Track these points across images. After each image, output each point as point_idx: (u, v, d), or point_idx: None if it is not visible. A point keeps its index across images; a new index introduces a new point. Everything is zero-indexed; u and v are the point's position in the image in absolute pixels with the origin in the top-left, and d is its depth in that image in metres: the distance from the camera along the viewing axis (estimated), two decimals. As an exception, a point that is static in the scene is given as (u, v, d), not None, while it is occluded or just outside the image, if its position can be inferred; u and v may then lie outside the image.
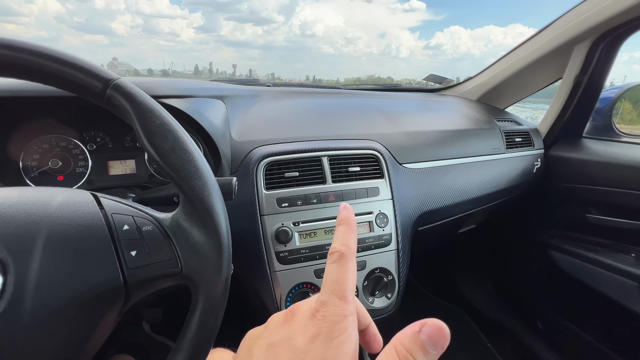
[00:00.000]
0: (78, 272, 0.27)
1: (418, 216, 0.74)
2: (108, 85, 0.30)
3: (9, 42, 0.28)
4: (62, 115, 0.60)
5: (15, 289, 0.26)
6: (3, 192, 0.29)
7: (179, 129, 0.32)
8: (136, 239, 0.30)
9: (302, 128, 0.73)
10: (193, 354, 0.30)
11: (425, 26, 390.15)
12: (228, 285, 0.32)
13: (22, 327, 0.25)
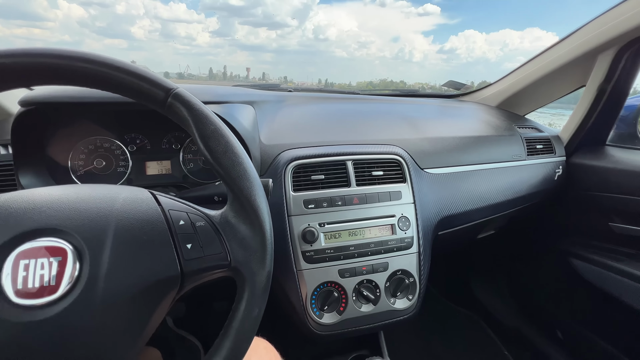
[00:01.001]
0: (142, 261, 0.31)
1: (439, 220, 0.75)
2: (169, 94, 0.34)
3: (88, 56, 0.31)
4: (106, 119, 0.65)
5: (90, 275, 0.29)
6: (76, 189, 0.33)
7: (230, 134, 0.35)
8: (191, 234, 0.33)
9: (327, 133, 0.75)
10: (239, 340, 0.33)
11: (439, 30, 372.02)
12: (270, 278, 0.35)
13: (95, 309, 0.29)
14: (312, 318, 0.61)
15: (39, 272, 0.28)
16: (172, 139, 0.69)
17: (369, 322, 0.64)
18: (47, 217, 0.30)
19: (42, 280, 0.28)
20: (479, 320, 1.30)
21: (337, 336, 0.64)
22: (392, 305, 0.65)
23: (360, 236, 0.65)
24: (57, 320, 0.28)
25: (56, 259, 0.29)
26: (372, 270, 0.64)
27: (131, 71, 0.32)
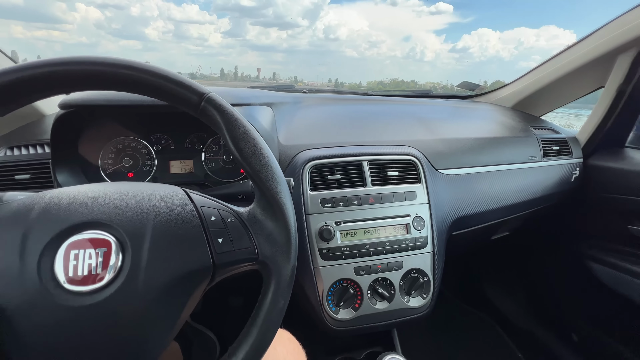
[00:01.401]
0: (178, 253, 0.33)
1: (453, 220, 0.76)
2: (203, 99, 0.36)
3: (131, 64, 0.34)
4: (134, 120, 0.68)
5: (131, 265, 0.32)
6: (116, 186, 0.36)
7: (258, 136, 0.37)
8: (222, 229, 0.35)
9: (343, 134, 0.77)
10: (266, 329, 0.35)
11: (451, 29, 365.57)
12: (295, 271, 0.37)
13: (137, 297, 0.31)
14: (328, 313, 0.63)
15: (87, 262, 0.31)
16: (195, 139, 0.72)
17: (384, 319, 0.66)
18: (92, 211, 0.33)
19: (89, 269, 0.31)
20: (490, 322, 1.30)
21: (352, 332, 0.65)
22: (406, 303, 0.67)
23: (376, 235, 0.67)
24: (102, 306, 0.30)
25: (101, 250, 0.31)
26: (387, 268, 0.66)
27: (169, 77, 0.35)
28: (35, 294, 0.29)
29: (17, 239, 0.30)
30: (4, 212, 0.32)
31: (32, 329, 0.29)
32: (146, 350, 0.32)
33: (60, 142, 0.59)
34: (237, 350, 0.35)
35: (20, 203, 0.33)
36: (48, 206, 0.32)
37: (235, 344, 0.35)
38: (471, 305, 1.37)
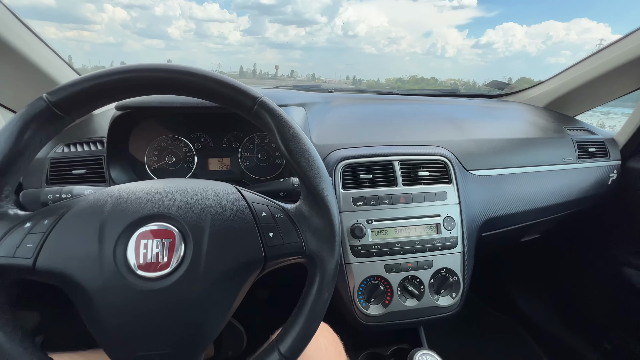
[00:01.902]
0: (234, 246, 0.36)
1: (483, 221, 0.76)
2: (256, 102, 0.38)
3: (192, 70, 0.37)
4: (177, 120, 0.72)
5: (193, 255, 0.35)
6: (176, 183, 0.39)
7: (306, 137, 0.39)
8: (272, 224, 0.38)
9: (374, 133, 0.78)
10: (311, 318, 0.37)
11: (475, 23, 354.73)
12: (338, 265, 0.39)
13: (198, 283, 0.34)
14: (358, 308, 0.65)
15: (155, 250, 0.34)
16: (232, 138, 0.76)
17: (413, 316, 0.67)
18: (158, 205, 0.36)
19: (157, 257, 0.34)
20: (515, 325, 1.27)
21: (382, 327, 0.67)
22: (435, 302, 0.68)
23: (406, 234, 0.68)
24: (168, 291, 0.34)
25: (167, 240, 0.35)
26: (416, 267, 0.67)
27: (226, 83, 0.38)
28: (111, 277, 0.33)
29: (95, 228, 0.34)
30: (81, 205, 0.36)
31: (108, 308, 0.33)
32: (204, 332, 0.35)
33: (114, 141, 0.64)
34: (284, 337, 0.37)
35: (94, 197, 0.37)
36: (119, 200, 0.36)
37: (282, 331, 0.38)
38: (494, 307, 1.35)
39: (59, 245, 0.34)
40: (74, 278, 0.33)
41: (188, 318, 0.34)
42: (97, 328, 0.34)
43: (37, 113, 0.34)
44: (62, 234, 0.34)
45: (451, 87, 4.95)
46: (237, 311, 0.39)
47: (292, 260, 0.39)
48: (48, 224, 0.34)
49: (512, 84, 1.38)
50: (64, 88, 0.35)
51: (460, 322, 1.14)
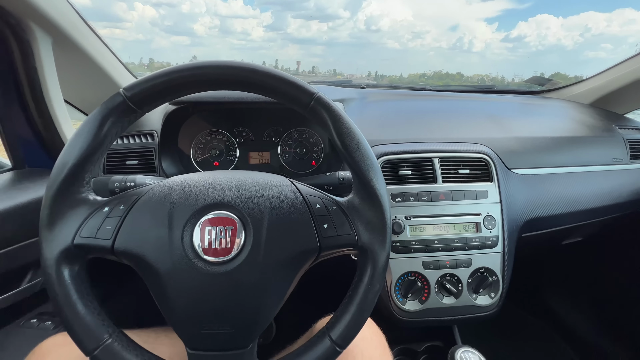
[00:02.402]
0: (291, 235, 0.38)
1: (525, 222, 0.74)
2: (312, 98, 0.40)
3: (252, 67, 0.38)
4: (221, 115, 0.75)
5: (253, 243, 0.37)
6: (235, 175, 0.41)
7: (360, 132, 0.40)
8: (326, 216, 0.39)
9: (413, 130, 0.78)
10: (362, 308, 0.38)
11: (505, 16, 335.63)
12: (389, 258, 0.40)
13: (257, 269, 0.36)
14: (395, 303, 0.66)
15: (218, 237, 0.36)
16: (272, 132, 0.78)
17: (450, 314, 0.67)
18: (219, 195, 0.38)
19: (220, 243, 0.36)
20: (551, 332, 1.23)
21: (418, 323, 0.67)
22: (473, 301, 0.67)
23: (445, 231, 0.67)
24: (230, 275, 0.36)
25: (229, 228, 0.37)
26: (455, 265, 0.67)
27: (285, 79, 0.39)
28: (180, 260, 0.36)
29: (165, 215, 0.37)
30: (151, 193, 0.39)
31: (176, 288, 0.36)
32: (261, 315, 0.37)
33: (167, 134, 0.68)
34: (335, 325, 0.38)
35: (162, 186, 0.39)
36: (184, 189, 0.39)
37: (333, 319, 0.39)
38: (528, 310, 1.31)
39: (133, 229, 0.37)
40: (147, 260, 0.36)
41: (247, 301, 0.36)
42: (166, 306, 0.37)
43: (115, 107, 0.37)
44: (135, 219, 0.37)
45: (478, 82, 4.76)
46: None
47: (344, 251, 0.40)
48: (123, 209, 0.37)
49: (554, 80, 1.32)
50: (138, 84, 0.38)
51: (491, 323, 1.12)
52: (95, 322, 0.36)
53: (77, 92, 0.73)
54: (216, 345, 0.36)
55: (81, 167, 0.37)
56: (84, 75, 0.69)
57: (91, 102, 0.78)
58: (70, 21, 0.58)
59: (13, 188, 0.60)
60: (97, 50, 0.66)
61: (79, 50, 0.62)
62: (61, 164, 0.36)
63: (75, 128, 0.68)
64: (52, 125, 0.63)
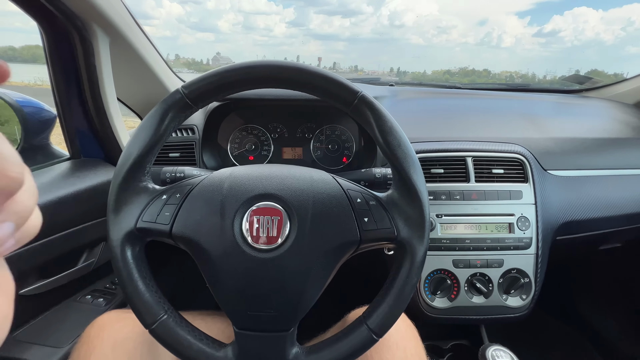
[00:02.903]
0: (334, 227, 0.40)
1: (560, 224, 0.72)
2: (356, 97, 0.41)
3: (301, 67, 0.40)
4: (258, 111, 0.78)
5: (298, 232, 0.39)
6: (279, 168, 0.44)
7: (401, 130, 0.42)
8: (366, 210, 0.41)
9: (445, 128, 0.78)
10: (399, 300, 0.40)
11: (538, 10, 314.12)
12: (426, 253, 0.41)
13: (301, 258, 0.39)
14: (424, 300, 0.67)
15: (266, 226, 0.39)
16: (305, 129, 0.80)
17: (479, 313, 0.67)
18: (266, 186, 0.41)
19: (267, 231, 0.39)
20: (580, 339, 1.19)
21: (445, 320, 0.68)
22: (504, 302, 0.67)
23: (477, 231, 0.67)
24: (275, 262, 0.38)
25: (275, 218, 0.39)
26: (486, 264, 0.66)
27: (331, 78, 0.41)
28: (230, 246, 0.39)
29: (217, 204, 0.40)
30: (204, 184, 0.42)
31: (226, 272, 0.39)
32: (303, 301, 0.40)
33: (209, 129, 0.72)
34: (372, 314, 0.40)
35: (212, 177, 0.42)
36: (234, 181, 0.41)
37: (370, 309, 0.41)
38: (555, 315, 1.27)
39: (189, 216, 0.40)
40: (201, 244, 0.39)
41: (291, 287, 0.39)
42: (217, 288, 0.40)
43: (174, 103, 0.41)
44: (191, 207, 0.40)
45: (506, 80, 4.56)
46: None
47: (382, 245, 0.42)
48: (179, 197, 0.41)
49: (595, 79, 1.26)
50: (195, 82, 0.41)
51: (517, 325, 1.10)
52: (154, 299, 0.40)
53: (125, 88, 0.78)
54: (261, 326, 0.39)
55: (143, 158, 0.40)
56: (133, 73, 0.74)
57: (137, 98, 0.84)
58: (125, 22, 0.62)
59: (72, 176, 0.65)
60: (146, 49, 0.71)
61: (131, 49, 0.67)
62: (127, 154, 0.40)
63: (125, 123, 0.74)
64: (105, 120, 0.68)
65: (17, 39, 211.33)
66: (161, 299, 0.41)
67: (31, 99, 0.72)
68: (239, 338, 0.40)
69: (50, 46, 0.59)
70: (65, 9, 0.53)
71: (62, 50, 0.60)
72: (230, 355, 0.39)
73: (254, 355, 0.39)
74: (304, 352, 0.40)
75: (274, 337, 0.40)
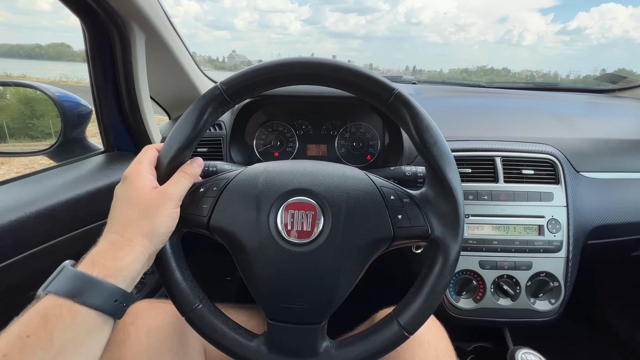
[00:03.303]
0: (367, 223, 0.40)
1: (592, 228, 0.70)
2: (392, 94, 0.41)
3: (337, 64, 0.41)
4: (284, 108, 0.79)
5: (332, 227, 0.39)
6: (313, 164, 0.44)
7: (437, 128, 0.41)
8: (400, 207, 0.41)
9: (473, 127, 0.77)
10: (432, 297, 0.40)
11: (563, 6, 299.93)
12: (460, 252, 0.41)
13: (335, 253, 0.39)
14: (449, 300, 0.66)
15: (300, 220, 0.40)
16: (330, 126, 0.80)
17: (505, 316, 0.66)
18: (300, 182, 0.41)
19: (302, 226, 0.39)
20: (610, 350, 1.15)
21: (469, 322, 0.67)
22: (531, 305, 0.65)
23: (504, 232, 0.66)
24: (309, 256, 0.39)
25: (309, 213, 0.40)
26: (514, 266, 0.65)
27: (367, 75, 0.41)
28: (266, 238, 0.39)
29: (253, 198, 0.41)
30: (240, 178, 0.43)
31: (261, 264, 0.40)
32: (335, 295, 0.40)
33: (238, 125, 0.74)
34: (403, 311, 0.40)
35: (247, 172, 0.43)
36: (268, 176, 0.42)
37: (401, 306, 0.41)
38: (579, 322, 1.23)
39: (226, 209, 0.41)
40: (238, 237, 0.40)
41: (323, 281, 0.39)
42: (251, 280, 0.41)
43: (214, 98, 0.42)
44: (227, 200, 0.41)
45: (526, 79, 4.41)
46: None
47: (415, 242, 0.42)
48: (217, 191, 0.42)
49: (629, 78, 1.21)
50: (233, 79, 0.42)
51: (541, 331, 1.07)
52: (190, 289, 0.41)
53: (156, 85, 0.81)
54: (293, 319, 0.40)
55: (183, 151, 0.42)
56: (165, 71, 0.76)
57: (166, 95, 0.86)
58: (161, 20, 0.64)
59: (107, 168, 0.68)
60: (178, 47, 0.72)
61: (165, 48, 0.69)
62: (167, 147, 0.41)
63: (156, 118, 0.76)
64: (138, 115, 0.71)
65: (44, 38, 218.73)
66: (197, 289, 0.42)
67: (69, 93, 0.75)
68: (272, 329, 0.40)
69: (91, 43, 0.61)
70: (107, 7, 0.55)
71: (102, 47, 0.62)
72: (262, 346, 0.40)
73: (285, 346, 0.40)
74: (335, 346, 0.40)
75: (306, 329, 0.40)
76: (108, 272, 0.33)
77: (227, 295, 1.16)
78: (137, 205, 0.37)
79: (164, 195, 0.38)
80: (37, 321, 0.29)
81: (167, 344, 0.52)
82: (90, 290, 0.31)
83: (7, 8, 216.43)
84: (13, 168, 3.58)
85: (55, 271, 0.32)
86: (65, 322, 0.30)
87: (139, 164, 0.39)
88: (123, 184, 0.38)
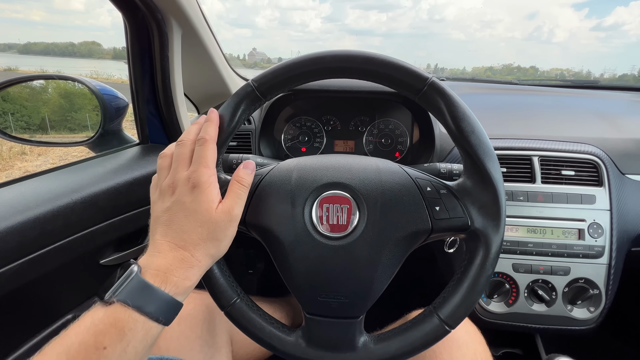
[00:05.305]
0: (404, 216, 0.39)
1: (638, 234, 0.66)
2: (426, 84, 0.40)
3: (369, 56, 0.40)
4: (312, 103, 0.79)
5: (368, 221, 0.39)
6: (346, 158, 0.44)
7: (475, 117, 0.40)
8: (437, 199, 0.40)
9: (508, 125, 0.74)
10: (473, 291, 0.38)
11: (598, 1, 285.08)
12: (502, 243, 0.39)
13: (371, 246, 0.39)
14: (479, 303, 0.64)
15: (335, 214, 0.39)
16: (358, 122, 0.80)
17: (538, 322, 0.63)
18: (335, 176, 0.41)
19: (337, 220, 0.39)
20: None
21: (500, 326, 0.65)
22: (568, 312, 0.62)
23: (541, 235, 0.63)
24: (345, 249, 0.39)
25: (344, 207, 0.40)
26: (550, 271, 0.62)
27: (400, 66, 0.40)
28: (301, 233, 0.40)
29: (288, 194, 0.41)
30: (273, 174, 0.43)
31: (297, 258, 0.40)
32: (372, 288, 0.40)
33: (268, 119, 0.74)
34: (443, 305, 0.39)
35: (280, 168, 0.43)
36: (301, 171, 0.42)
37: (441, 300, 0.40)
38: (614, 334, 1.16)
39: (261, 205, 0.41)
40: (274, 232, 0.40)
41: (360, 274, 0.39)
42: (288, 274, 0.41)
43: (246, 95, 0.42)
44: (262, 196, 0.41)
45: (556, 77, 4.22)
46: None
47: (455, 234, 0.41)
48: (251, 187, 0.42)
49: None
50: (265, 75, 0.41)
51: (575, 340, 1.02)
52: (228, 283, 0.42)
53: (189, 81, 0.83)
54: (331, 313, 0.40)
55: (218, 148, 0.42)
56: (199, 66, 0.78)
57: (198, 90, 0.88)
58: (197, 17, 0.66)
59: (142, 160, 0.70)
60: (212, 44, 0.74)
61: (200, 44, 0.70)
62: None
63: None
64: (172, 109, 0.72)
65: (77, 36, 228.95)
66: (234, 283, 0.43)
67: (108, 87, 0.78)
68: (309, 323, 0.41)
69: (132, 38, 0.64)
70: (148, 2, 0.57)
71: (142, 42, 0.64)
72: (300, 339, 0.40)
73: (323, 340, 0.40)
74: (373, 341, 0.40)
75: (344, 323, 0.40)
76: (178, 291, 0.33)
77: (250, 289, 1.18)
78: (207, 225, 0.36)
79: (230, 217, 0.37)
80: (114, 334, 0.29)
81: (197, 331, 0.54)
82: (161, 308, 0.32)
83: (44, 8, 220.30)
84: (49, 159, 3.79)
85: (124, 276, 0.32)
86: (139, 337, 0.31)
87: (206, 167, 0.37)
88: (193, 192, 0.36)
